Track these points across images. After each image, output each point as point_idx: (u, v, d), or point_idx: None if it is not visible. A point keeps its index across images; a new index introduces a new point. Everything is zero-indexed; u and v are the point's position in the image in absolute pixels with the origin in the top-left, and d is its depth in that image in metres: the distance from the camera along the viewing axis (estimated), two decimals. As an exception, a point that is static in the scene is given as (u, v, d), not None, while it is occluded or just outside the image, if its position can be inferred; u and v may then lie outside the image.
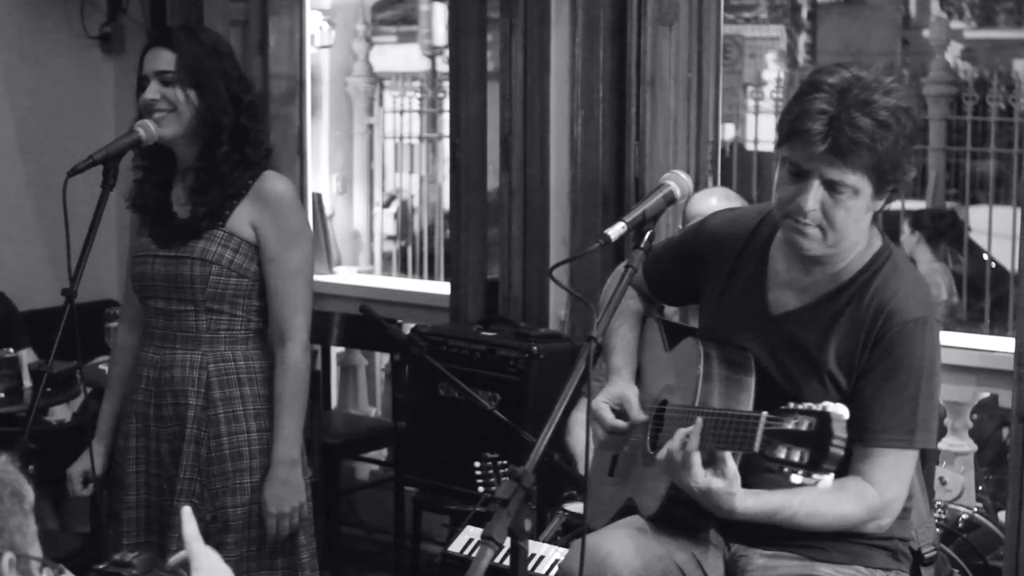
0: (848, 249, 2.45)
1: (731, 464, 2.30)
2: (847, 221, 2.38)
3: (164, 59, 3.07)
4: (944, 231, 7.19)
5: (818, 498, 2.34)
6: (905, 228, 7.18)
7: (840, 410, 2.09)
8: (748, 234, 2.60)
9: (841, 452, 2.07)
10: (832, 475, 2.09)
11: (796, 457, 2.09)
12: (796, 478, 2.10)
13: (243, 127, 3.09)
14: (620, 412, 2.64)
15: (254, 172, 3.10)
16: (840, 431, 2.07)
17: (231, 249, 3.07)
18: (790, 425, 2.12)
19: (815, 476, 2.08)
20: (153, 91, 3.06)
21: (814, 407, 2.11)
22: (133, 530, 3.16)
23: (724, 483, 2.30)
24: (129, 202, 3.22)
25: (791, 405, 2.15)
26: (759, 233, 2.58)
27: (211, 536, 3.07)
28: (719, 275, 2.62)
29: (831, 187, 2.35)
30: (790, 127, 2.36)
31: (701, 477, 2.30)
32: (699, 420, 2.34)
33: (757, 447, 2.17)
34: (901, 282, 2.44)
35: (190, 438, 3.09)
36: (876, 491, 2.41)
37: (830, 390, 2.43)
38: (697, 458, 2.32)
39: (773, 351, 2.51)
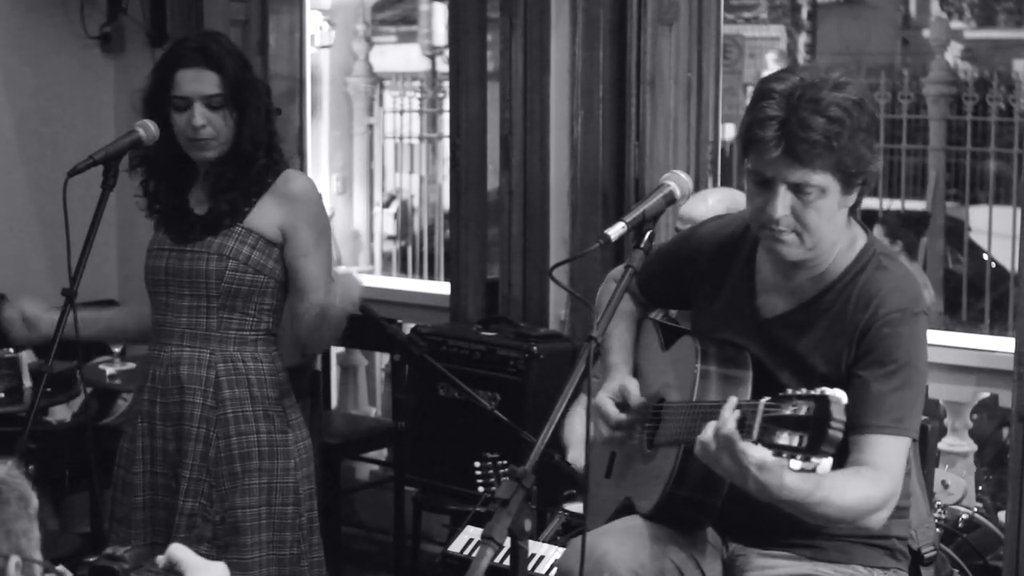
0: (828, 250, 2.45)
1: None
2: (820, 222, 2.38)
3: (209, 81, 3.03)
4: (911, 230, 7.18)
5: (844, 480, 2.31)
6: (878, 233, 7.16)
7: (838, 394, 2.09)
8: (735, 240, 2.60)
9: (840, 435, 2.07)
10: (830, 459, 2.08)
11: (795, 442, 2.09)
12: (795, 463, 2.09)
13: (272, 135, 3.13)
14: (622, 404, 2.63)
15: (274, 171, 3.12)
16: (839, 414, 2.07)
17: (248, 245, 3.08)
18: (788, 411, 2.11)
19: (814, 460, 2.08)
20: (201, 117, 3.02)
21: (812, 392, 2.11)
22: (142, 531, 3.14)
23: (775, 457, 2.20)
24: (147, 212, 3.20)
25: (788, 391, 2.15)
26: (746, 238, 2.58)
27: (220, 537, 3.07)
28: (709, 281, 2.63)
29: (797, 190, 2.35)
30: (745, 138, 2.38)
31: (756, 449, 2.18)
32: (731, 400, 2.26)
33: (756, 435, 2.16)
34: (886, 278, 2.45)
35: (197, 437, 3.08)
36: (888, 477, 2.38)
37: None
38: (740, 436, 2.22)
39: (766, 353, 2.51)
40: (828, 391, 2.09)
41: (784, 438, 2.11)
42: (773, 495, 2.25)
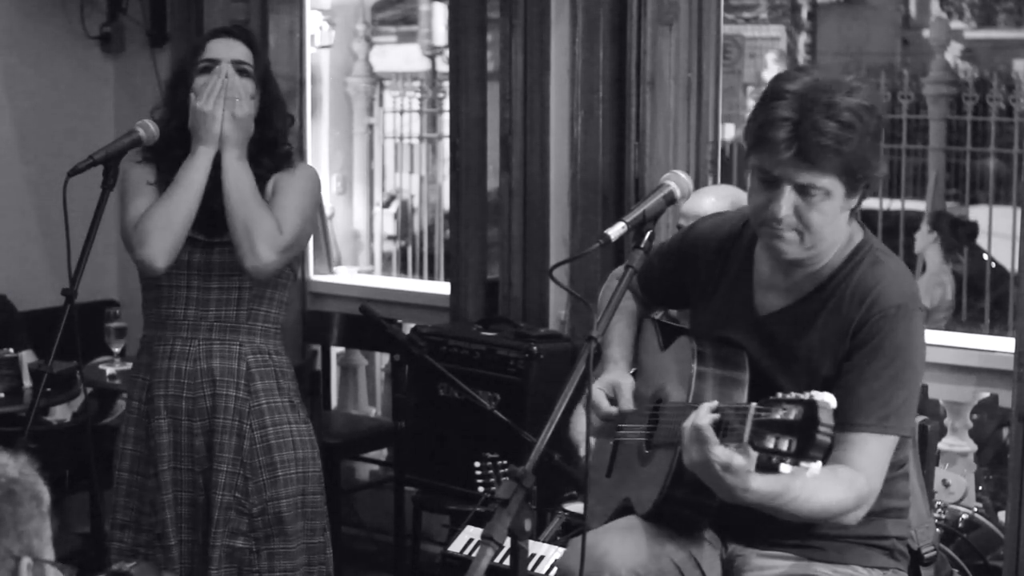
0: (827, 249, 2.45)
1: (749, 449, 2.26)
2: (823, 223, 2.38)
3: (240, 51, 3.07)
4: (961, 239, 7.22)
5: (817, 482, 2.31)
6: (923, 225, 7.22)
7: (827, 398, 2.09)
8: (733, 237, 2.61)
9: (828, 440, 2.07)
10: (820, 463, 2.09)
11: (785, 446, 2.10)
12: (785, 467, 2.10)
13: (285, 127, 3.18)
14: (614, 400, 2.64)
15: (288, 161, 3.17)
16: (826, 419, 2.07)
17: None
18: (778, 415, 2.12)
19: (803, 464, 2.08)
20: (233, 75, 3.03)
21: (801, 396, 2.12)
22: (172, 529, 3.12)
23: (745, 461, 2.23)
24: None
25: (779, 395, 2.15)
26: (743, 236, 2.59)
27: (259, 529, 3.09)
28: (707, 279, 2.63)
29: (802, 191, 2.35)
30: (755, 136, 2.37)
31: (723, 451, 2.23)
32: (706, 404, 2.30)
33: (747, 438, 2.17)
34: (883, 272, 2.45)
35: (230, 430, 3.09)
36: (864, 478, 2.40)
37: (818, 387, 2.42)
38: (713, 433, 2.25)
39: (763, 351, 2.52)
40: (817, 396, 2.09)
41: (774, 442, 2.11)
42: (737, 497, 2.27)
